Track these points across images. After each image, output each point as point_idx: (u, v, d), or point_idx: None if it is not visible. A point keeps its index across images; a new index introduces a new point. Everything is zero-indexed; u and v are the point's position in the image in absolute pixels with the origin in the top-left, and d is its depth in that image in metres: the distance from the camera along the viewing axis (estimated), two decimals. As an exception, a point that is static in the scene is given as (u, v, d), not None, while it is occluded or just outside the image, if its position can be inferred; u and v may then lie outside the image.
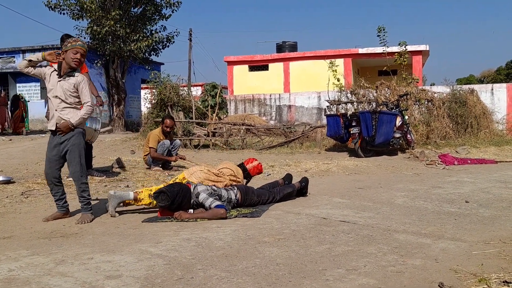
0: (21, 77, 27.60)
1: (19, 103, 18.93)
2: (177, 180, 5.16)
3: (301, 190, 5.71)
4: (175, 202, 4.51)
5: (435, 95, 13.35)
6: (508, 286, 2.60)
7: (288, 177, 5.99)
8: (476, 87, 15.73)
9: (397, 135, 10.55)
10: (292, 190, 5.58)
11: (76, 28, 20.72)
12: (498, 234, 3.84)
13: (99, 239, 3.85)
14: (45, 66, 4.78)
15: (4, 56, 27.81)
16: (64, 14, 20.09)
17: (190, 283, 2.75)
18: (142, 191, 4.90)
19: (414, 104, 12.83)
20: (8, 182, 6.64)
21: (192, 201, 4.66)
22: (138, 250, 3.46)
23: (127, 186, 6.63)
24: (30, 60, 4.60)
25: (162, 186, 5.00)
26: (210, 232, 4.00)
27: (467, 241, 3.66)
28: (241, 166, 5.80)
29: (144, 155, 8.48)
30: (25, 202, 5.51)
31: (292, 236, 3.83)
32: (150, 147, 8.20)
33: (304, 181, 5.78)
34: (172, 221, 4.46)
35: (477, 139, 12.84)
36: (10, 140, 14.77)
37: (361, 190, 6.24)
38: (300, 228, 4.10)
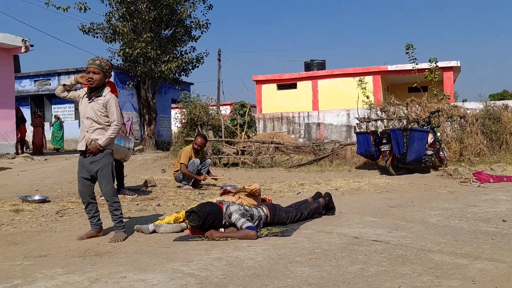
0: (56, 98, 28.42)
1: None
2: (178, 217, 5.12)
3: (327, 205, 5.67)
4: (207, 222, 4.54)
5: (468, 111, 13.10)
6: (552, 309, 2.51)
7: (318, 195, 5.95)
8: (510, 102, 15.37)
9: (429, 152, 10.38)
10: (318, 205, 5.55)
11: (109, 50, 21.35)
12: (538, 255, 3.71)
13: (132, 257, 3.89)
14: (80, 89, 4.92)
15: (40, 79, 28.75)
16: (97, 37, 20.75)
17: (222, 302, 2.74)
18: (164, 219, 5.11)
19: (446, 120, 12.61)
20: (43, 201, 6.79)
21: (224, 221, 4.68)
22: (170, 269, 3.48)
23: (158, 204, 6.71)
24: (64, 85, 4.74)
25: (181, 213, 5.07)
26: (241, 251, 3.99)
27: (506, 261, 3.55)
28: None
29: (174, 171, 8.59)
30: (60, 220, 5.63)
31: (323, 255, 3.79)
32: (181, 163, 8.29)
33: (327, 196, 5.75)
34: (203, 240, 4.48)
35: (513, 156, 12.49)
36: (46, 159, 15.19)
37: (393, 209, 6.14)
38: (332, 247, 4.06)
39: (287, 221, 5.11)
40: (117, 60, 21.31)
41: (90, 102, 4.67)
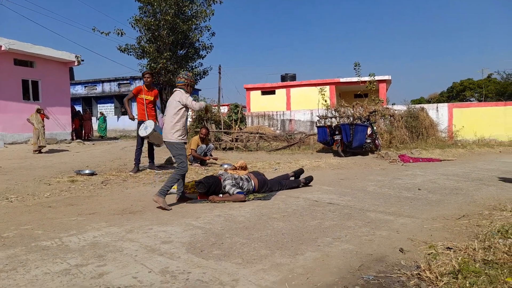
0: (101, 99, 27.95)
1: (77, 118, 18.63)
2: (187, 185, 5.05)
3: (305, 184, 5.51)
4: (210, 189, 4.54)
5: (396, 112, 13.21)
6: (450, 251, 2.57)
7: (300, 171, 5.67)
8: (425, 106, 15.52)
9: (368, 140, 10.46)
10: (296, 185, 5.40)
11: (139, 65, 21.01)
12: (442, 213, 3.79)
13: (156, 215, 3.88)
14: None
15: (89, 85, 28.16)
16: (130, 55, 20.37)
17: (221, 247, 2.76)
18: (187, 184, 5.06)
19: (380, 118, 12.71)
20: (92, 174, 6.72)
21: (222, 189, 4.68)
22: (184, 223, 3.48)
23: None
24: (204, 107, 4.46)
25: (191, 182, 5.08)
26: (235, 210, 4.00)
27: (420, 218, 3.61)
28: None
29: (188, 155, 8.54)
30: (104, 188, 5.58)
31: (293, 213, 3.82)
32: (191, 149, 8.25)
33: (309, 180, 5.52)
34: (207, 202, 4.48)
35: (426, 144, 12.65)
36: (93, 144, 14.97)
37: (342, 181, 6.19)
38: (299, 208, 4.09)
39: (269, 191, 5.09)
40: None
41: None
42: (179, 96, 4.38)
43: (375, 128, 11.14)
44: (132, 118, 7.02)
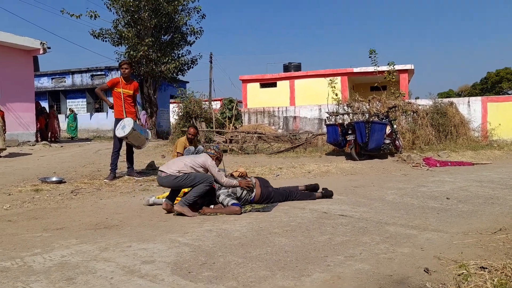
0: (70, 94, 27.95)
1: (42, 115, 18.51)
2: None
3: (322, 197, 5.32)
4: (201, 200, 4.58)
5: (420, 107, 13.24)
6: (484, 271, 2.57)
7: (314, 187, 5.47)
8: (455, 100, 15.55)
9: (387, 141, 10.47)
10: (309, 198, 5.23)
11: (116, 53, 21.08)
12: (475, 226, 3.79)
13: (136, 230, 3.87)
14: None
15: (56, 77, 28.17)
16: (106, 41, 20.37)
17: (212, 267, 2.76)
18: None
19: (401, 115, 12.73)
20: (60, 182, 6.71)
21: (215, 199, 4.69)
22: (169, 239, 3.47)
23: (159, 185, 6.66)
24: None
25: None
26: (229, 224, 4.00)
27: (448, 232, 3.62)
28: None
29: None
30: (74, 199, 5.57)
31: (298, 227, 3.82)
32: (177, 152, 8.23)
33: (327, 195, 5.29)
34: (197, 215, 4.48)
35: (456, 145, 12.68)
36: (62, 146, 14.96)
37: (357, 188, 6.20)
38: (305, 221, 4.09)
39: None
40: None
41: None
42: (205, 158, 4.75)
43: (395, 126, 11.17)
44: (111, 106, 7.04)
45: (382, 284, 2.44)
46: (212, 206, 4.65)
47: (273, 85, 25.00)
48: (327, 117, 13.08)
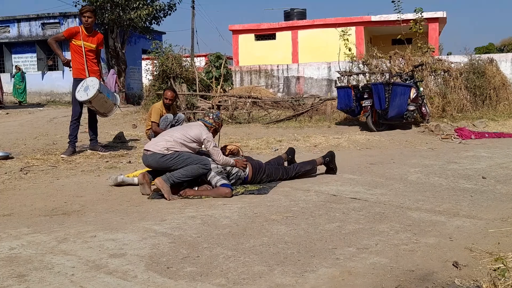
0: (17, 47, 27.49)
1: None
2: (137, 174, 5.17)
3: (327, 165, 5.53)
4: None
5: (452, 65, 13.19)
6: (525, 265, 2.61)
7: (291, 151, 5.81)
8: (495, 56, 15.53)
9: (411, 107, 10.48)
10: (311, 167, 5.41)
11: (73, -6, 20.53)
12: (516, 212, 3.84)
13: (101, 216, 3.89)
14: None
15: (-2, 25, 27.60)
16: (60, -20, 19.89)
17: (196, 261, 2.78)
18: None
19: (429, 75, 12.69)
20: (6, 157, 6.68)
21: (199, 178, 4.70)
22: (142, 228, 3.50)
23: (129, 161, 6.68)
24: None
25: None
26: (216, 209, 4.03)
27: (483, 218, 3.66)
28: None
29: (146, 130, 8.49)
30: (24, 178, 5.56)
31: (300, 213, 3.85)
32: (152, 121, 8.18)
33: (329, 156, 5.53)
34: (178, 198, 4.49)
35: (495, 112, 12.73)
36: (7, 113, 14.84)
37: (373, 166, 6.24)
38: (309, 205, 4.12)
39: (267, 181, 5.12)
40: (82, 6, 20.56)
41: None
42: (200, 130, 4.79)
43: (421, 89, 11.16)
44: (67, 63, 6.97)
45: (402, 281, 2.49)
46: (196, 188, 4.67)
47: (272, 37, 24.74)
48: (338, 77, 13.04)
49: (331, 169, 5.58)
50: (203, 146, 4.85)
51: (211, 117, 5.00)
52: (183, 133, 4.73)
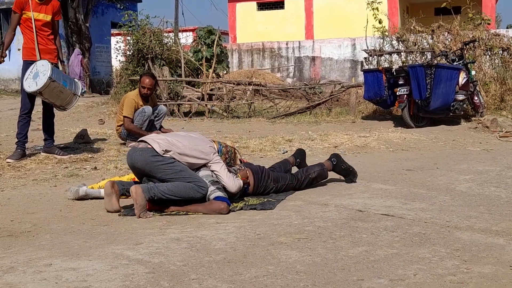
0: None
1: None
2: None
3: (337, 170, 5.59)
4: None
5: (513, 42, 13.18)
6: None
7: (300, 153, 5.85)
8: None
9: (461, 97, 10.46)
10: (321, 169, 5.41)
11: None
12: None
13: (59, 239, 3.88)
14: None
15: None
16: None
17: (182, 297, 2.79)
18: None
19: (484, 54, 12.68)
20: None
21: None
22: (112, 253, 3.49)
23: (95, 168, 6.69)
24: None
25: (126, 177, 5.15)
26: (207, 229, 4.02)
27: (554, 241, 3.66)
28: None
29: (117, 126, 8.51)
30: (-41, 190, 5.57)
31: (317, 235, 3.84)
32: (124, 116, 8.19)
33: (334, 157, 5.60)
34: (158, 214, 4.50)
35: None
36: None
37: (411, 173, 6.23)
38: (328, 224, 4.12)
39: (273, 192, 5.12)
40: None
41: None
42: (213, 150, 4.88)
43: (473, 73, 11.14)
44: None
45: (449, 323, 2.48)
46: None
47: (279, 5, 24.79)
48: (365, 58, 13.02)
49: (345, 175, 5.62)
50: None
51: (228, 148, 5.09)
52: (196, 142, 4.78)
